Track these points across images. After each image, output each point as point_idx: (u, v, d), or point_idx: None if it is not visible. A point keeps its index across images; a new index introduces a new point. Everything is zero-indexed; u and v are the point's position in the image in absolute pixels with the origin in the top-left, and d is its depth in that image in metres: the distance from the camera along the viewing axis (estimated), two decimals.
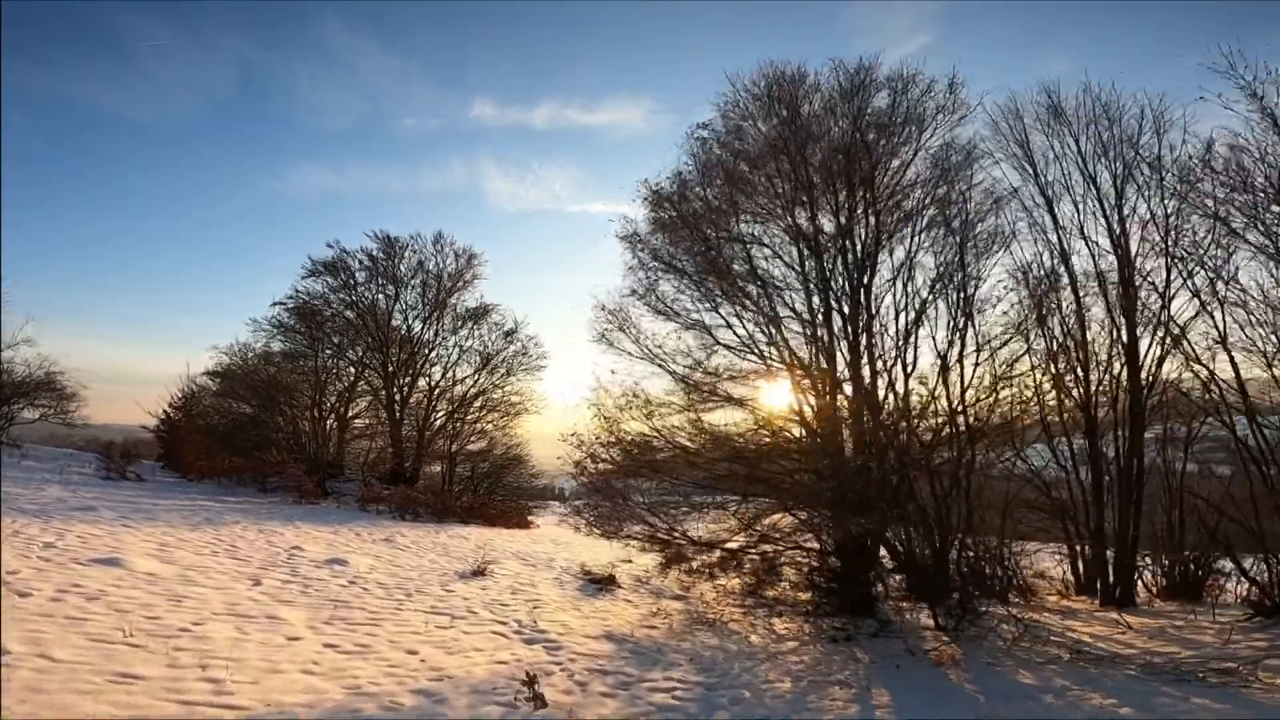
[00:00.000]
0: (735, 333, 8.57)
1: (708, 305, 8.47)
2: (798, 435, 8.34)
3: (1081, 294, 9.68)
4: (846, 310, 8.08)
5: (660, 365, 8.58)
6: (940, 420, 7.71)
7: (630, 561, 12.39)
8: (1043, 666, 5.88)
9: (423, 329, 18.72)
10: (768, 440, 8.37)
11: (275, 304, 18.30)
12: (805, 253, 8.32)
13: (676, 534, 8.34)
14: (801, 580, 9.75)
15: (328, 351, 18.17)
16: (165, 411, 17.59)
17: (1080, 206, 9.81)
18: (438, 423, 19.24)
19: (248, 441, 16.84)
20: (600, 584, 9.53)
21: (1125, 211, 9.60)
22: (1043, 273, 9.28)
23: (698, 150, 8.80)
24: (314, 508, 13.93)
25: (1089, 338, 9.57)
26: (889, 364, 7.81)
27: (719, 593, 9.81)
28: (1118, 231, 9.59)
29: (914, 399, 7.72)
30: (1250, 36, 16.12)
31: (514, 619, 6.66)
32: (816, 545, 9.02)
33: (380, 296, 18.53)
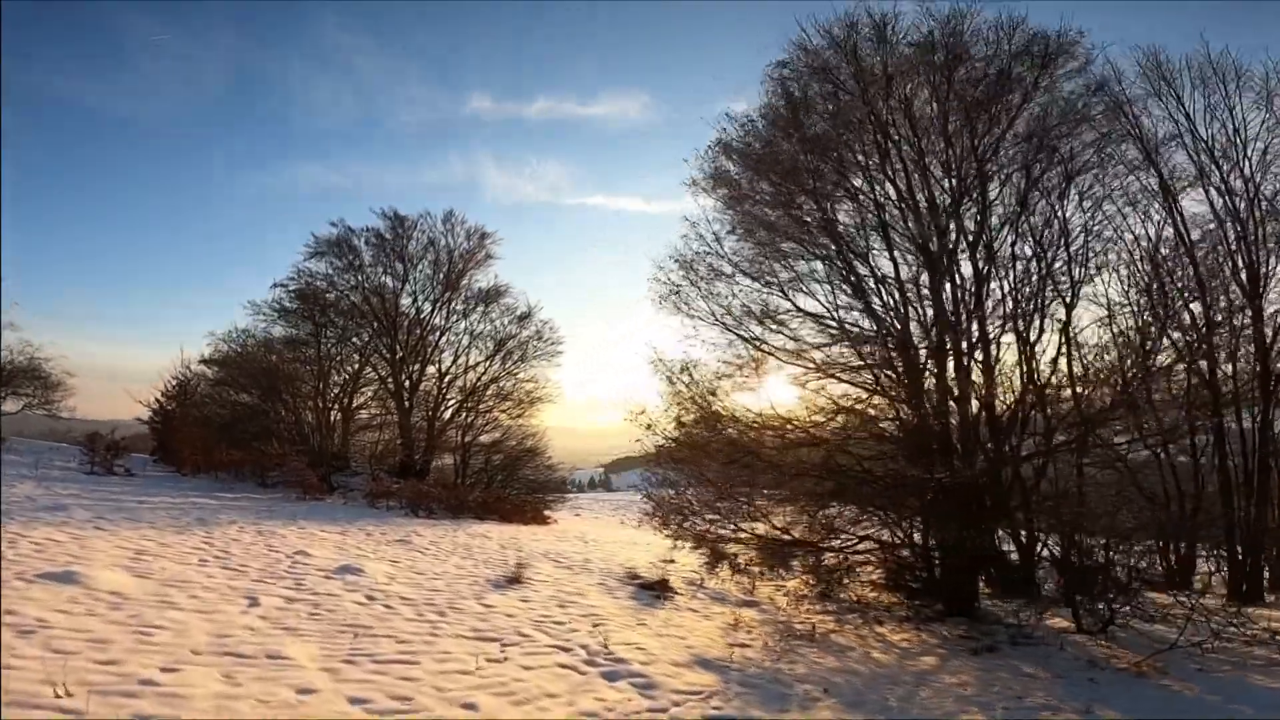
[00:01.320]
0: (819, 300, 7.19)
1: (791, 262, 7.03)
2: (895, 415, 6.94)
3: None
4: (962, 274, 6.67)
5: (732, 330, 7.13)
6: (1070, 397, 6.36)
7: (672, 561, 10.99)
8: (1273, 669, 4.61)
9: (432, 311, 17.25)
10: (856, 423, 6.98)
11: (276, 285, 16.78)
12: (907, 208, 6.91)
13: (766, 531, 6.94)
14: (883, 580, 8.40)
15: (332, 337, 16.65)
16: (158, 400, 16.01)
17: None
18: (448, 413, 17.77)
19: (246, 433, 15.32)
20: (653, 590, 8.11)
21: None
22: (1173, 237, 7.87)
23: (787, 90, 7.32)
24: (318, 504, 12.45)
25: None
26: (1016, 333, 6.41)
27: (789, 597, 8.43)
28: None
29: (1041, 374, 6.36)
30: None
31: (578, 643, 5.22)
32: (908, 541, 7.66)
33: (388, 278, 17.04)
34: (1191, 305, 8.04)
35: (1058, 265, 6.36)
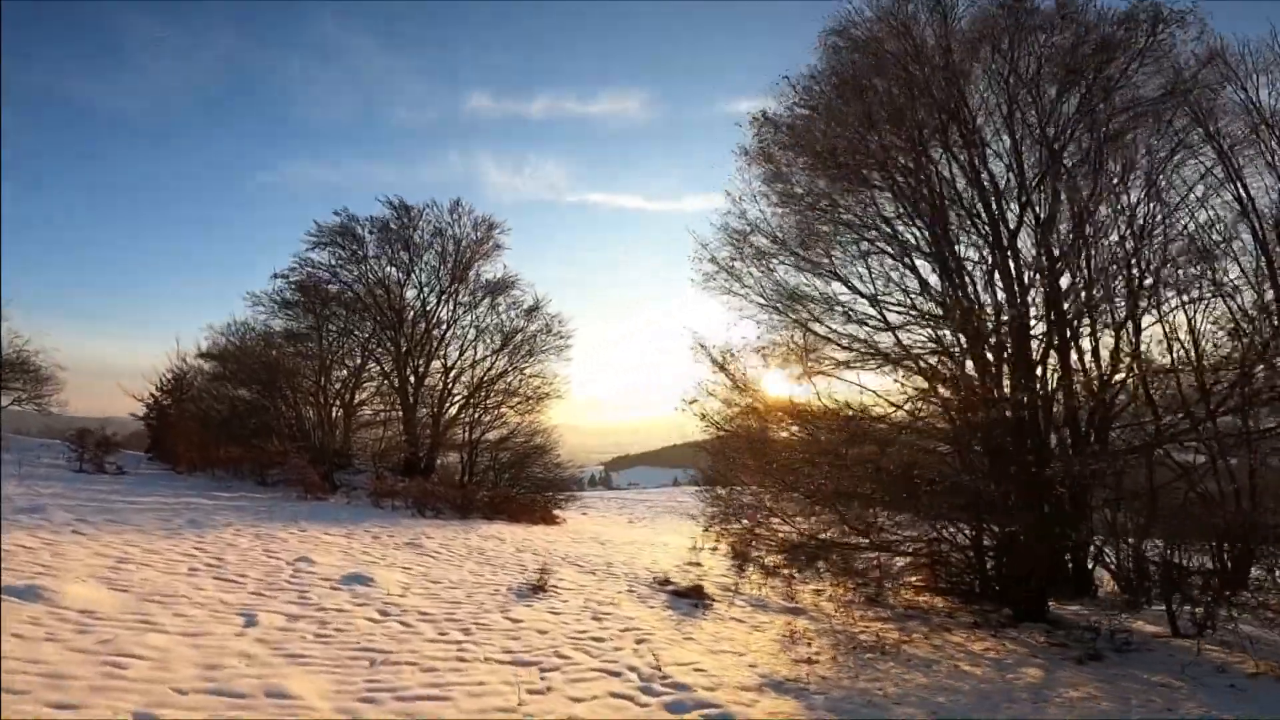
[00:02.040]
0: (876, 284, 6.46)
1: (845, 242, 6.30)
2: (971, 407, 6.20)
3: None
4: (1049, 253, 5.94)
5: (784, 312, 6.39)
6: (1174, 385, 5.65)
7: (698, 564, 10.26)
8: None
9: (438, 304, 16.45)
10: (930, 412, 6.25)
11: (276, 276, 15.93)
12: (988, 183, 6.18)
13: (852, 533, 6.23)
14: (936, 583, 7.69)
15: (334, 330, 15.85)
16: (152, 395, 15.15)
17: None
18: (454, 409, 16.98)
19: (245, 430, 14.52)
20: (689, 597, 7.39)
21: None
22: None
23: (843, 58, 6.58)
24: (321, 504, 11.67)
25: None
26: (1118, 316, 5.69)
27: (834, 603, 7.71)
28: None
29: (1147, 360, 5.64)
30: None
31: (626, 664, 4.48)
32: (972, 542, 6.94)
33: (392, 269, 16.23)
34: None
35: (1158, 242, 5.67)
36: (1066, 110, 5.92)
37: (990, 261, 6.05)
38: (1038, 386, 5.93)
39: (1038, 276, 5.95)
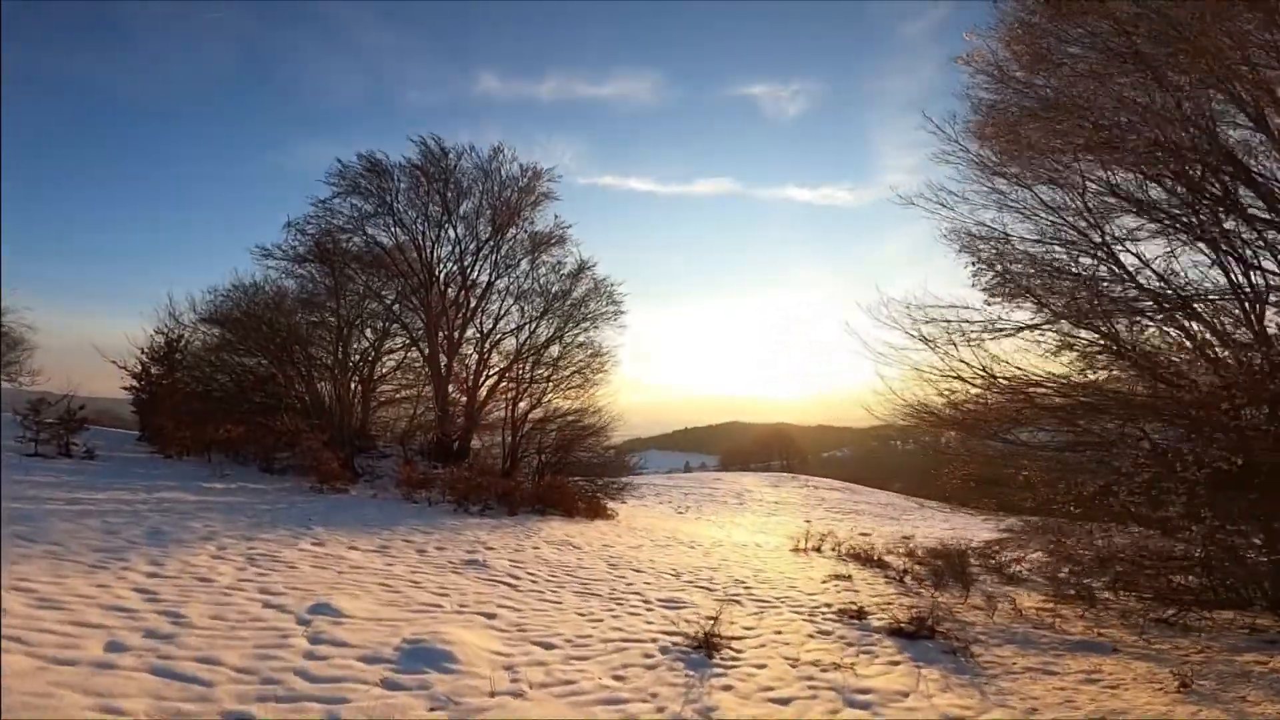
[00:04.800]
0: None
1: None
2: None
3: None
4: None
5: None
6: None
7: (848, 577, 7.53)
8: None
9: (475, 261, 13.58)
10: None
11: (290, 225, 13.01)
12: None
13: None
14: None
15: (354, 293, 13.00)
16: (140, 362, 12.31)
17: None
18: (489, 382, 14.16)
19: (250, 405, 11.75)
20: (920, 637, 4.68)
21: None
22: None
23: None
24: (340, 499, 8.94)
25: None
26: None
27: (1129, 630, 5.01)
28: None
29: None
30: None
31: None
32: None
33: (422, 223, 13.32)
34: None
35: None
36: None
37: None
38: None
39: None
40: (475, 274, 13.66)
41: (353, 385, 13.53)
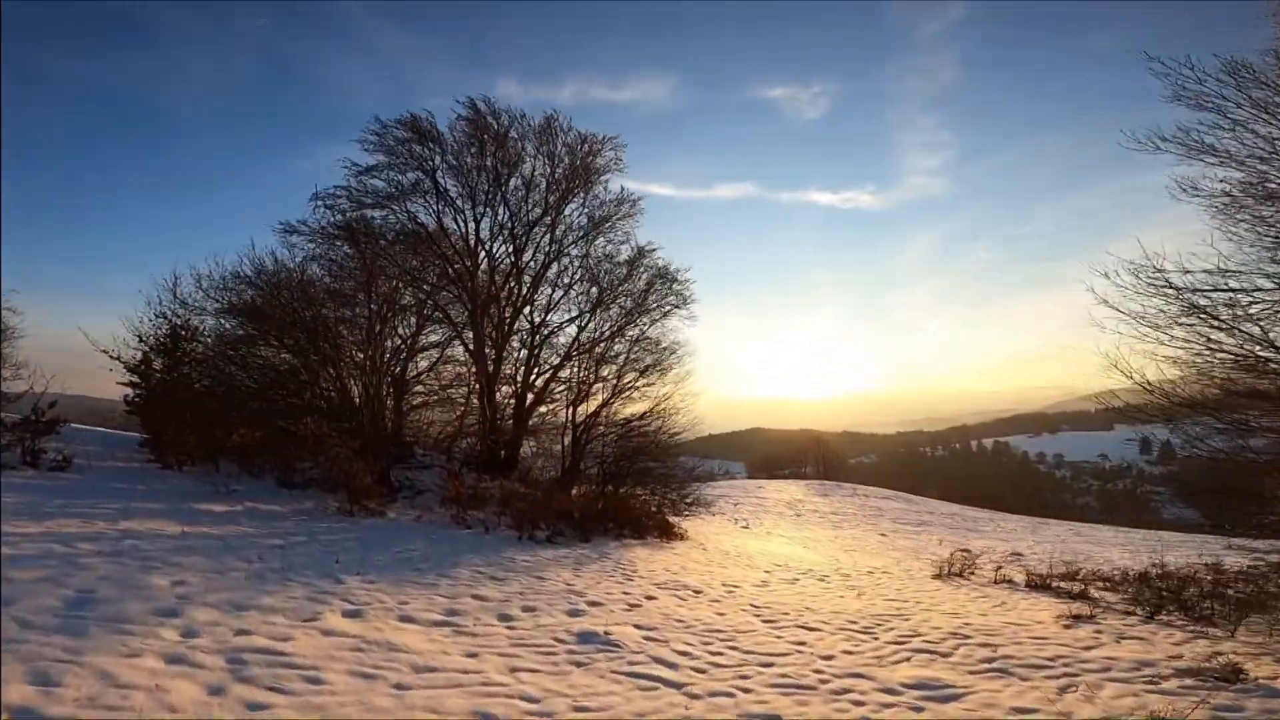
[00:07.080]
0: None
1: None
2: None
3: None
4: None
5: None
6: None
7: (1084, 619, 5.25)
8: None
9: (526, 244, 11.50)
10: None
11: (317, 198, 11.01)
12: None
13: None
14: None
15: (392, 275, 10.97)
16: (141, 354, 10.28)
17: None
18: (539, 381, 12.07)
19: (267, 406, 9.76)
20: None
21: None
22: None
23: None
24: (377, 524, 6.89)
25: None
26: None
27: None
28: None
29: None
30: None
31: None
32: None
33: (468, 197, 11.27)
34: None
35: None
36: None
37: None
38: None
39: None
40: (527, 258, 11.61)
41: (386, 386, 11.51)
